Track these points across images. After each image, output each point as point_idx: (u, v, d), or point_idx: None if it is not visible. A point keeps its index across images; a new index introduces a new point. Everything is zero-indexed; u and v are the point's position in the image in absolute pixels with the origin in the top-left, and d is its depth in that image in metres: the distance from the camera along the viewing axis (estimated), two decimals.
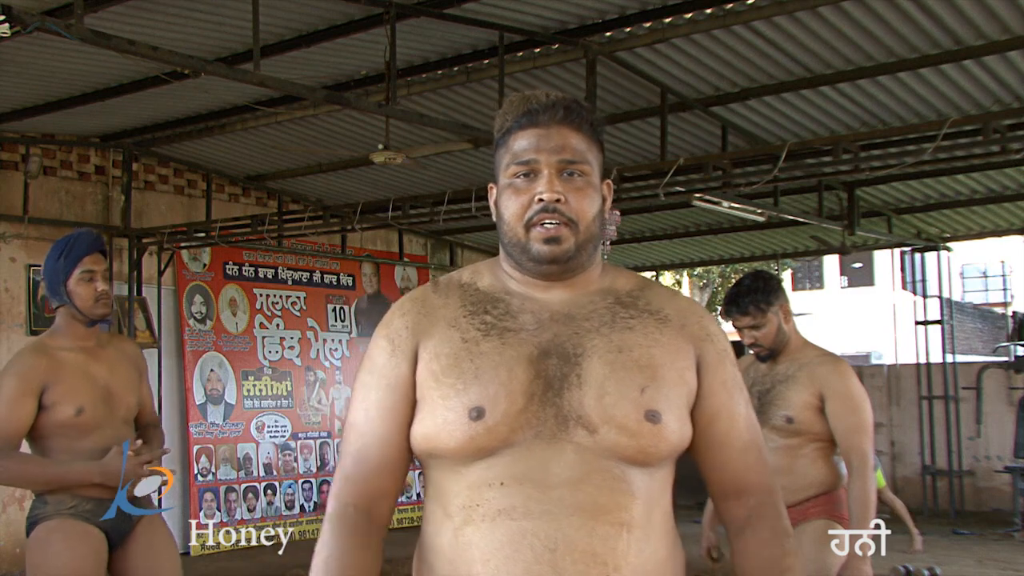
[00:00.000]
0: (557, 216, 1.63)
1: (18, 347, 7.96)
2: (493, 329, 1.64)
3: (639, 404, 1.58)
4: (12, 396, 3.24)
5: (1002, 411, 10.82)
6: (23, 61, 6.24)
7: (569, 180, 1.66)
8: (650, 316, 1.69)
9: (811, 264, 27.78)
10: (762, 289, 3.51)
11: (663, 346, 1.66)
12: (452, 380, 1.60)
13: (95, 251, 3.36)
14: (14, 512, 7.94)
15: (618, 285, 1.75)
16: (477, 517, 1.56)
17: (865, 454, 3.35)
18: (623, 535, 1.55)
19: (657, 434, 1.58)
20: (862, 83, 6.59)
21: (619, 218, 6.69)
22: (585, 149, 1.68)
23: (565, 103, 1.68)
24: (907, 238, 10.39)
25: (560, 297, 1.69)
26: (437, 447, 1.60)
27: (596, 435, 1.56)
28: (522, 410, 1.57)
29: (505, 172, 1.68)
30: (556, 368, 1.60)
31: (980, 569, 7.91)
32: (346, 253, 10.16)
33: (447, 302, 1.70)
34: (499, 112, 1.73)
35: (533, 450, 1.56)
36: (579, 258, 1.68)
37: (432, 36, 6.11)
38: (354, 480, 1.67)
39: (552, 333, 1.64)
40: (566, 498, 1.53)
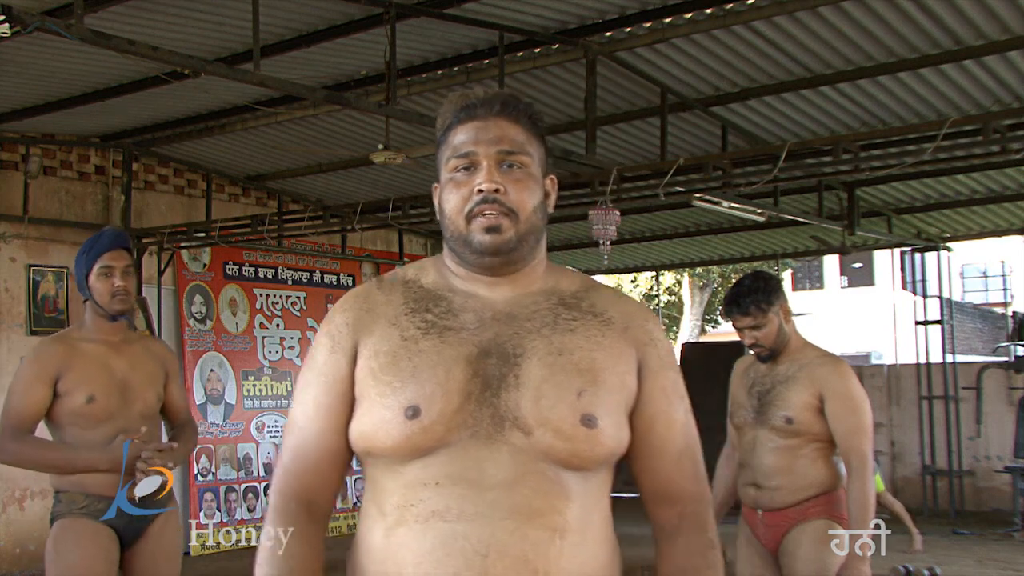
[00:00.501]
0: (497, 207, 1.62)
1: (18, 347, 8.03)
2: (433, 327, 1.63)
3: (575, 408, 1.57)
4: (27, 381, 3.38)
5: (1002, 411, 10.82)
6: (23, 61, 6.24)
7: (508, 172, 1.65)
8: (593, 318, 1.68)
9: (811, 264, 27.78)
10: (762, 289, 3.51)
11: (604, 349, 1.65)
12: (390, 378, 1.60)
13: (115, 248, 3.46)
14: (14, 512, 7.93)
15: (562, 286, 1.74)
16: (410, 517, 1.55)
17: (864, 455, 3.35)
18: (555, 540, 1.54)
19: (592, 438, 1.57)
20: (862, 83, 6.59)
21: (619, 218, 6.70)
22: (524, 141, 1.67)
23: (502, 97, 1.68)
24: (907, 238, 10.39)
25: (503, 296, 1.68)
26: (374, 445, 1.60)
27: (531, 437, 1.55)
28: (458, 410, 1.56)
29: (446, 167, 1.69)
30: (495, 368, 1.59)
31: (980, 569, 7.91)
32: (346, 253, 10.16)
33: (390, 299, 1.70)
34: (439, 112, 1.74)
35: (468, 450, 1.55)
36: (520, 250, 1.66)
37: (432, 36, 6.11)
38: (294, 474, 1.68)
39: (493, 332, 1.63)
40: (501, 500, 1.53)
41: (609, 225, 6.60)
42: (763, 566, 3.56)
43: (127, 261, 3.48)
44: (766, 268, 14.65)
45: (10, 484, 7.90)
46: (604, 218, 6.60)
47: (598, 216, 6.60)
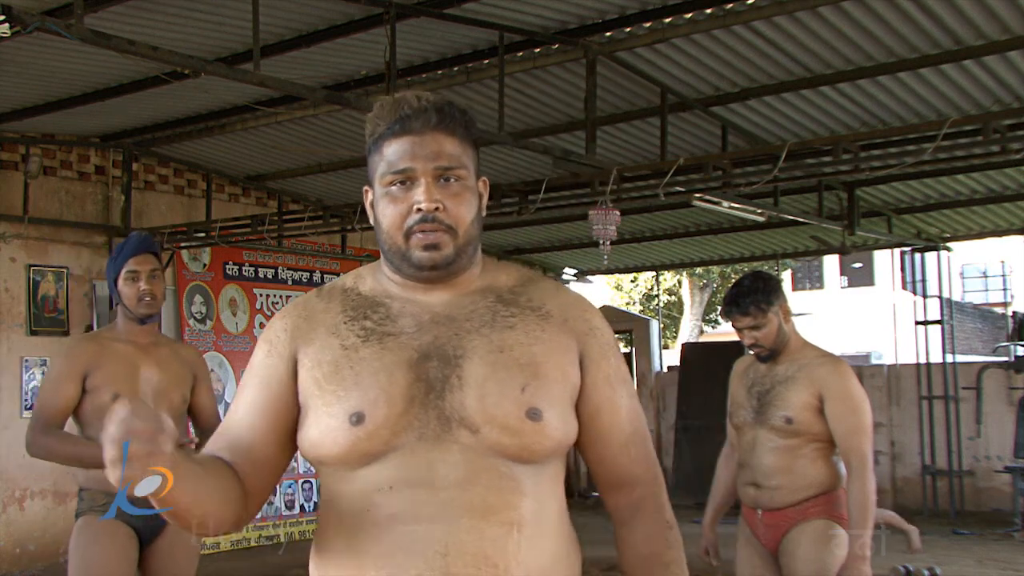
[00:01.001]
0: (436, 225, 1.63)
1: (18, 347, 8.03)
2: (373, 335, 1.65)
3: (520, 403, 1.58)
4: (57, 377, 3.48)
5: (1002, 411, 10.81)
6: (23, 61, 6.24)
7: (446, 186, 1.65)
8: (532, 313, 1.69)
9: (811, 264, 27.78)
10: (762, 289, 3.51)
11: (544, 343, 1.66)
12: (333, 387, 1.61)
13: (141, 252, 3.54)
14: (14, 512, 7.93)
15: (499, 282, 1.74)
16: (368, 523, 1.56)
17: (864, 455, 3.35)
18: (513, 534, 1.56)
19: (539, 431, 1.58)
20: (862, 83, 6.59)
21: (619, 218, 6.70)
22: (460, 153, 1.67)
23: (438, 106, 1.67)
24: (907, 238, 10.39)
25: (441, 299, 1.70)
26: (323, 454, 1.61)
27: (479, 435, 1.56)
28: (402, 413, 1.57)
29: (381, 180, 1.69)
30: (436, 370, 1.60)
31: (980, 569, 7.91)
32: (346, 253, 10.17)
33: (329, 307, 1.71)
34: (369, 116, 1.74)
35: (417, 452, 1.56)
36: (459, 262, 1.67)
37: (432, 36, 6.11)
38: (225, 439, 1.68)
39: (432, 335, 1.64)
40: (456, 499, 1.54)
41: (609, 225, 6.60)
42: (763, 566, 3.56)
43: (153, 265, 3.57)
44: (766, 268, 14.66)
45: (10, 484, 7.90)
46: (604, 218, 6.60)
47: (598, 216, 6.61)
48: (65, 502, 7.94)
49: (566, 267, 13.33)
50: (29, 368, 8.10)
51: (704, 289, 20.86)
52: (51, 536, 7.99)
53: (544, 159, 7.42)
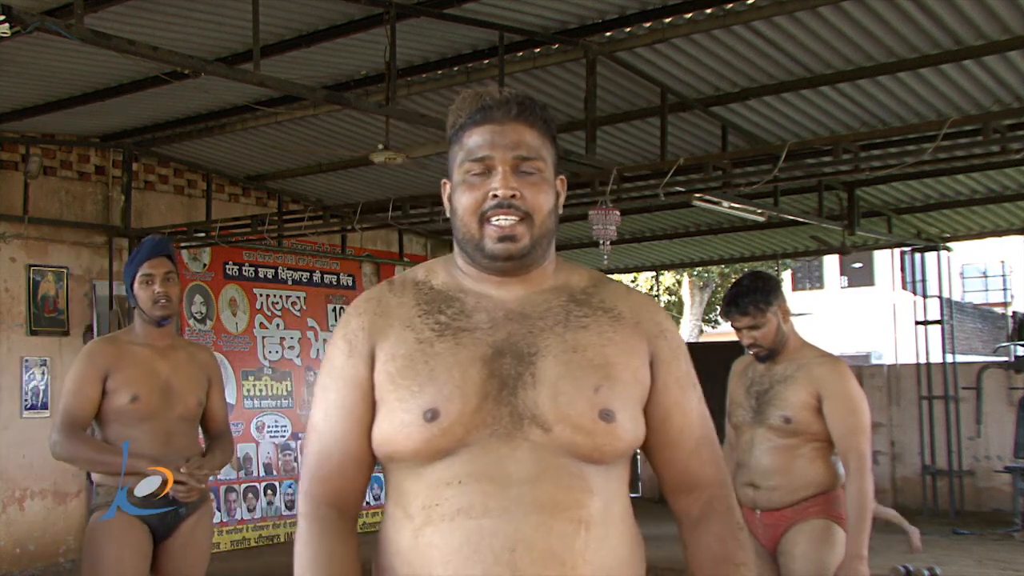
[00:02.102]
0: (513, 212, 1.63)
1: (18, 347, 8.04)
2: (447, 329, 1.64)
3: (593, 403, 1.59)
4: (79, 380, 3.51)
5: (1002, 411, 10.81)
6: (23, 61, 6.24)
7: (524, 176, 1.66)
8: (604, 314, 1.70)
9: (811, 264, 27.78)
10: (761, 289, 3.51)
11: (617, 344, 1.66)
12: (407, 382, 1.61)
13: (155, 256, 3.58)
14: (14, 512, 7.93)
15: (572, 282, 1.75)
16: (436, 517, 1.56)
17: (863, 455, 3.35)
18: (581, 532, 1.56)
19: (611, 432, 1.59)
20: (862, 83, 6.59)
21: (619, 218, 6.70)
22: (539, 145, 1.68)
23: (519, 100, 1.68)
24: (907, 238, 10.39)
25: (515, 295, 1.69)
26: (396, 449, 1.61)
27: (551, 433, 1.57)
28: (476, 410, 1.57)
29: (459, 168, 1.68)
30: (510, 368, 1.60)
31: (980, 569, 7.91)
32: (346, 253, 10.16)
33: (402, 301, 1.70)
34: (452, 108, 1.73)
35: (489, 449, 1.56)
36: (534, 254, 1.68)
37: (432, 36, 6.11)
38: (320, 479, 1.68)
39: (506, 332, 1.64)
40: (525, 495, 1.54)
41: (609, 225, 6.60)
42: (761, 566, 3.55)
43: (167, 268, 3.60)
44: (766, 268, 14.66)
45: (10, 484, 7.90)
46: (604, 218, 6.60)
47: (598, 216, 6.60)
48: (65, 502, 7.95)
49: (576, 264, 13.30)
50: (29, 368, 8.10)
51: (704, 289, 20.85)
52: (51, 536, 7.99)
53: None
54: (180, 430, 3.57)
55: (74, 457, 3.53)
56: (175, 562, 3.54)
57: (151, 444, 3.46)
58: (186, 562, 3.55)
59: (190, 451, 3.58)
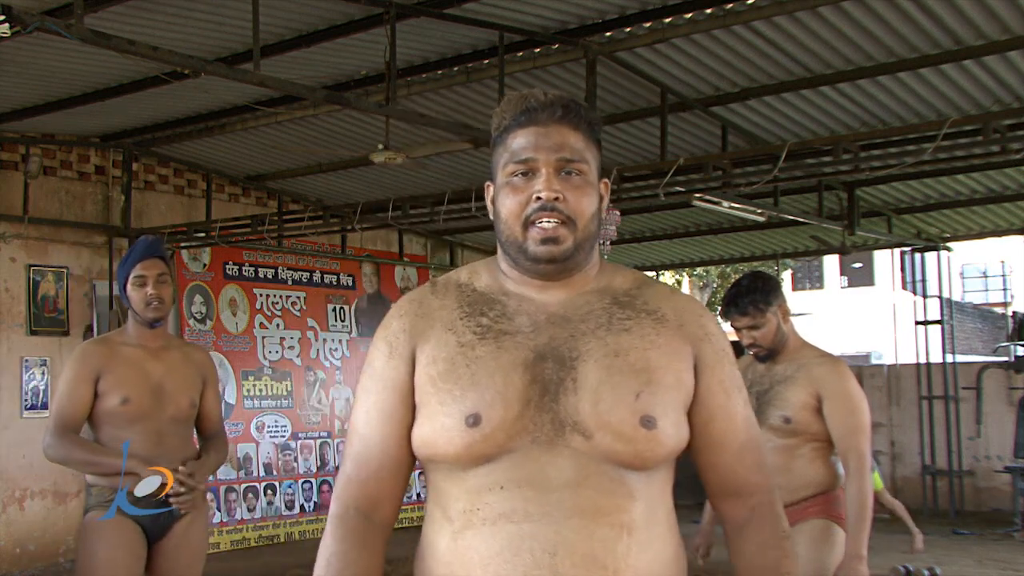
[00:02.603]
0: (556, 215, 1.62)
1: (18, 347, 8.04)
2: (489, 332, 1.63)
3: (634, 410, 1.57)
4: (71, 381, 3.50)
5: (1002, 411, 10.81)
6: (23, 61, 6.24)
7: (567, 179, 1.64)
8: (647, 316, 1.67)
9: (811, 264, 27.78)
10: (761, 289, 3.51)
11: (660, 348, 1.64)
12: (449, 386, 1.60)
13: (148, 257, 3.57)
14: (14, 512, 7.93)
15: (616, 284, 1.73)
16: (477, 521, 1.55)
17: (863, 455, 3.35)
18: (623, 537, 1.54)
19: (653, 439, 1.57)
20: (862, 83, 6.59)
21: (619, 218, 6.70)
22: (583, 148, 1.66)
23: (564, 102, 1.67)
24: (907, 238, 10.39)
25: (557, 298, 1.68)
26: (436, 453, 1.60)
27: (592, 441, 1.55)
28: (518, 416, 1.56)
29: (503, 170, 1.67)
30: (552, 372, 1.59)
31: (980, 569, 7.91)
32: (346, 253, 10.16)
33: (444, 303, 1.69)
34: (496, 110, 1.72)
35: (531, 456, 1.55)
36: (577, 257, 1.66)
37: (432, 36, 6.11)
38: (355, 482, 1.68)
39: (548, 336, 1.63)
40: (566, 500, 1.53)
41: (609, 225, 6.60)
42: None
43: (160, 269, 3.58)
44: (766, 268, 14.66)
45: (10, 484, 7.90)
46: (604, 218, 6.59)
47: None
48: (65, 502, 7.95)
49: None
50: (29, 368, 8.10)
51: (704, 289, 20.86)
52: (51, 536, 7.99)
53: None
54: (172, 431, 3.55)
55: (67, 459, 3.52)
56: (169, 563, 3.53)
57: (143, 445, 3.44)
58: (180, 563, 3.54)
59: (183, 452, 3.56)
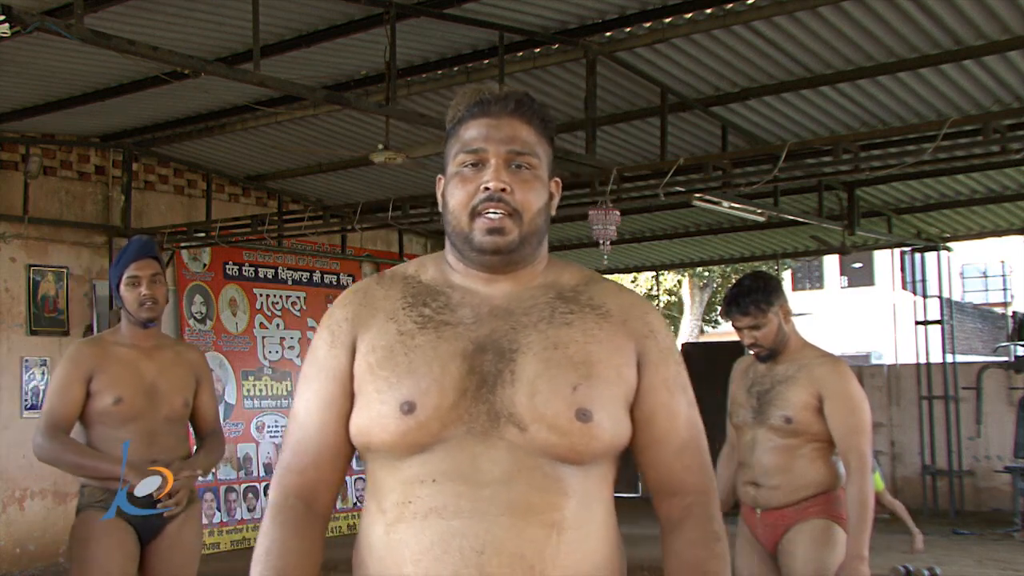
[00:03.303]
0: (502, 206, 1.62)
1: (18, 347, 8.04)
2: (430, 322, 1.63)
3: (570, 403, 1.56)
4: (62, 381, 3.48)
5: (1002, 411, 10.81)
6: (23, 61, 6.24)
7: (516, 172, 1.64)
8: (591, 311, 1.67)
9: (811, 264, 27.78)
10: (762, 289, 3.51)
11: (601, 342, 1.63)
12: (386, 373, 1.60)
13: (141, 257, 3.53)
14: (14, 512, 7.93)
15: (563, 280, 1.72)
16: (409, 515, 1.55)
17: (863, 455, 3.35)
18: (552, 537, 1.53)
19: (588, 433, 1.56)
20: (862, 83, 6.59)
21: (619, 218, 6.70)
22: (534, 142, 1.67)
23: (517, 96, 1.68)
24: (907, 238, 10.39)
25: (502, 291, 1.68)
26: (371, 440, 1.60)
27: (527, 433, 1.54)
28: (453, 405, 1.56)
29: (453, 161, 1.68)
30: (491, 364, 1.58)
31: (980, 569, 7.91)
32: (346, 253, 10.16)
33: (389, 294, 1.70)
34: (452, 103, 1.73)
35: (465, 446, 1.55)
36: (522, 251, 1.66)
37: (432, 36, 6.11)
38: (295, 471, 1.68)
39: (489, 328, 1.63)
40: (497, 497, 1.52)
41: (609, 225, 6.60)
42: (762, 565, 3.56)
43: (153, 269, 3.56)
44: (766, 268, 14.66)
45: (10, 484, 7.90)
46: (604, 218, 6.60)
47: (598, 216, 6.61)
48: (65, 502, 7.94)
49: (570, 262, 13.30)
50: (29, 368, 8.10)
51: (704, 289, 20.86)
52: (51, 536, 7.99)
53: None
54: (166, 431, 3.54)
55: (57, 460, 3.50)
56: (163, 563, 3.51)
57: (136, 445, 3.43)
58: (174, 563, 3.52)
59: (177, 452, 3.55)
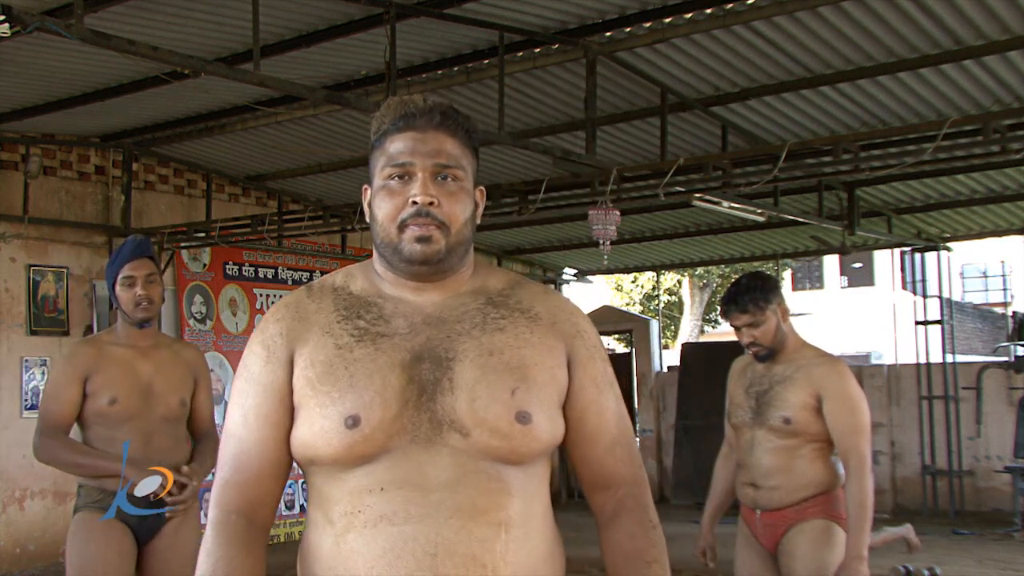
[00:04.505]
0: (429, 219, 1.65)
1: (18, 347, 8.04)
2: (366, 335, 1.66)
3: (510, 406, 1.60)
4: (59, 382, 3.50)
5: (1002, 411, 10.81)
6: (23, 61, 6.24)
7: (443, 184, 1.67)
8: (521, 315, 1.72)
9: (811, 264, 27.78)
10: (760, 287, 3.52)
11: (533, 346, 1.68)
12: (328, 388, 1.62)
13: (137, 257, 3.53)
14: (14, 512, 7.94)
15: (489, 285, 1.76)
16: (359, 523, 1.57)
17: (863, 455, 3.35)
18: (501, 535, 1.58)
19: (528, 434, 1.61)
20: (862, 83, 6.59)
21: (619, 218, 6.71)
22: (460, 155, 1.70)
23: (442, 108, 1.71)
24: (907, 238, 10.39)
25: (432, 300, 1.71)
26: (316, 455, 1.62)
27: (469, 438, 1.58)
28: (397, 416, 1.59)
29: (380, 174, 1.71)
30: (429, 373, 1.62)
31: (980, 569, 7.91)
32: (346, 253, 10.16)
33: (321, 307, 1.72)
34: (376, 115, 1.76)
35: (410, 455, 1.58)
36: (449, 260, 1.69)
37: (432, 36, 6.11)
38: (234, 486, 1.68)
39: (425, 337, 1.66)
40: (445, 501, 1.56)
41: (609, 225, 6.61)
42: (761, 566, 3.56)
43: (149, 269, 3.55)
44: (766, 268, 14.66)
45: (10, 484, 7.90)
46: (604, 218, 6.60)
47: (598, 216, 6.61)
48: (65, 502, 7.94)
49: (566, 267, 13.33)
50: (29, 368, 8.10)
51: (704, 289, 20.86)
52: (51, 536, 7.99)
53: (544, 159, 7.43)
54: (162, 431, 3.54)
55: (54, 460, 3.51)
56: (161, 564, 3.51)
57: (132, 445, 3.43)
58: (171, 564, 3.51)
59: (173, 452, 3.55)
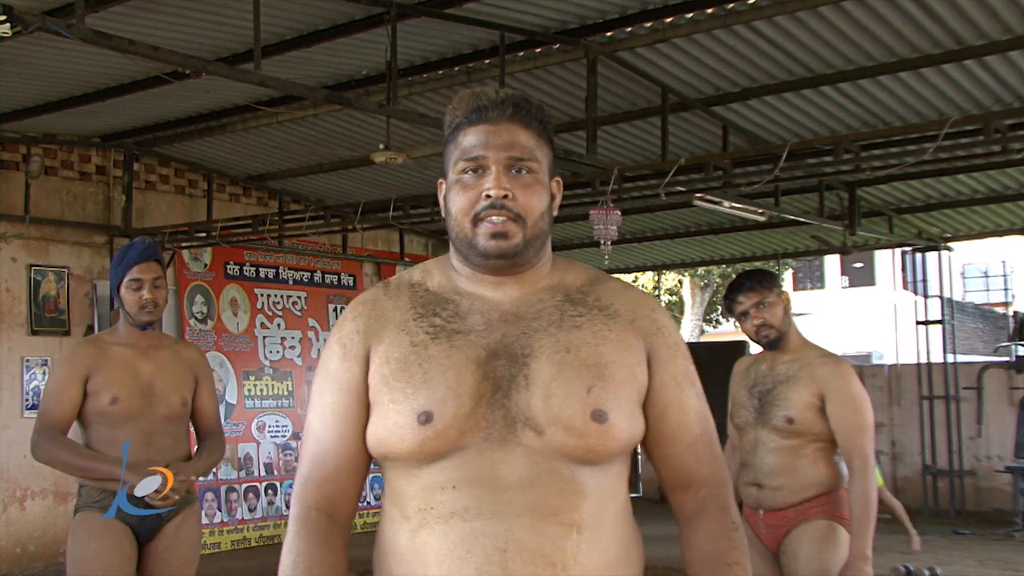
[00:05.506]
0: (504, 212, 1.63)
1: (18, 347, 8.04)
2: (442, 332, 1.65)
3: (586, 404, 1.58)
4: (59, 382, 3.49)
5: (1003, 411, 10.81)
6: (24, 61, 6.24)
7: (517, 177, 1.65)
8: (599, 312, 1.69)
9: (812, 264, 27.78)
10: (764, 273, 3.57)
11: (612, 343, 1.66)
12: (402, 384, 1.61)
13: (144, 260, 3.52)
14: (14, 512, 7.94)
15: (568, 281, 1.74)
16: (432, 519, 1.57)
17: (866, 454, 3.35)
18: (572, 535, 1.56)
19: (604, 433, 1.58)
20: (863, 83, 6.58)
21: (620, 218, 6.70)
22: (534, 146, 1.68)
23: (515, 100, 1.68)
24: (908, 238, 10.38)
25: (509, 295, 1.69)
26: (389, 450, 1.62)
27: (543, 437, 1.56)
28: (470, 413, 1.58)
29: (454, 168, 1.69)
30: (504, 369, 1.61)
31: (980, 569, 7.91)
32: (347, 253, 10.16)
33: (397, 304, 1.71)
34: (448, 108, 1.73)
35: (483, 453, 1.57)
36: (526, 254, 1.67)
37: (433, 36, 6.11)
38: (314, 483, 1.68)
39: (501, 333, 1.65)
40: (517, 500, 1.55)
41: (610, 225, 6.60)
42: (764, 566, 3.56)
43: (155, 273, 3.55)
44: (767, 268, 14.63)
45: (10, 484, 7.90)
46: (605, 218, 6.60)
47: (599, 216, 6.60)
48: (65, 502, 7.94)
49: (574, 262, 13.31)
50: (30, 368, 8.10)
51: (705, 289, 20.85)
52: (51, 536, 7.99)
53: None
54: (164, 430, 3.53)
55: (53, 460, 3.49)
56: (161, 564, 3.51)
57: (134, 445, 3.43)
58: (172, 564, 3.52)
59: (175, 452, 3.55)
